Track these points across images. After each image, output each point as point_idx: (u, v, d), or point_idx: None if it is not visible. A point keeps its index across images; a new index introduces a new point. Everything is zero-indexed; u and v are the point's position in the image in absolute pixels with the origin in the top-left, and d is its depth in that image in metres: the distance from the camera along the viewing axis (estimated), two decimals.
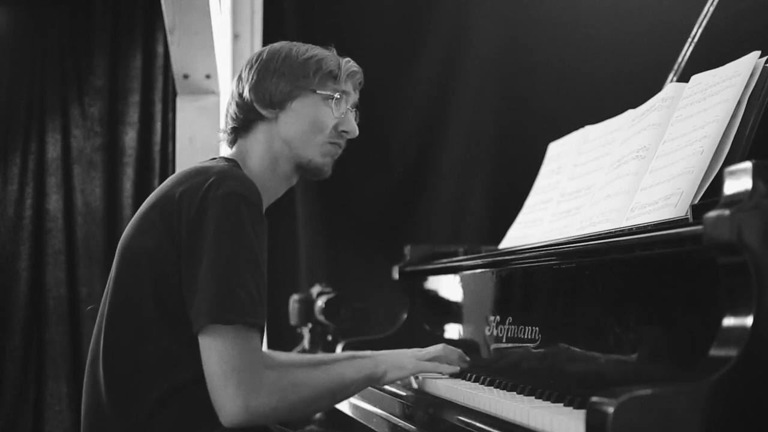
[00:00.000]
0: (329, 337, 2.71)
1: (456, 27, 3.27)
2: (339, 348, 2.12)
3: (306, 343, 2.75)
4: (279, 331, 3.27)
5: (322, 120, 1.53)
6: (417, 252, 2.25)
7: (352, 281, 3.15)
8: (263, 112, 1.50)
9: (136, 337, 1.37)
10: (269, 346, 3.31)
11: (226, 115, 1.57)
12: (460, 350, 1.63)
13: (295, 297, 2.81)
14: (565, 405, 1.20)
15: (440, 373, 1.57)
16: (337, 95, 1.53)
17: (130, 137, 3.97)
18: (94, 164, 3.98)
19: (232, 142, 1.57)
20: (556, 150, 2.08)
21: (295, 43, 1.57)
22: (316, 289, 2.76)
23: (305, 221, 3.37)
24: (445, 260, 2.07)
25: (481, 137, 3.24)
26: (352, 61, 1.61)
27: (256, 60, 1.54)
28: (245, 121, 1.53)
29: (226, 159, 1.52)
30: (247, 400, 1.25)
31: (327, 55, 1.56)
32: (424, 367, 1.56)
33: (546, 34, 3.09)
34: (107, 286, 1.45)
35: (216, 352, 1.26)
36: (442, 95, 3.28)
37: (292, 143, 1.52)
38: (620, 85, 2.63)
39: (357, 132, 1.59)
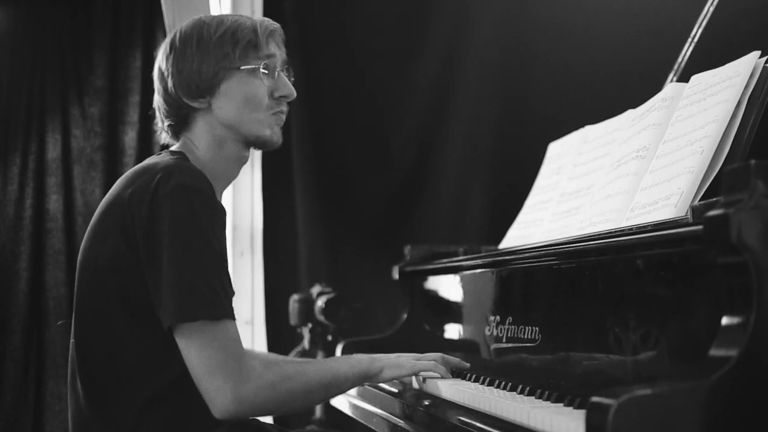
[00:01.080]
0: (329, 337, 2.71)
1: (456, 27, 3.27)
2: (339, 348, 2.12)
3: (306, 343, 2.75)
4: (279, 331, 3.28)
5: (256, 94, 1.48)
6: (417, 252, 2.24)
7: (352, 281, 3.15)
8: (194, 105, 1.46)
9: (109, 346, 1.36)
10: (269, 347, 3.31)
11: (158, 111, 1.53)
12: (457, 359, 1.62)
13: (295, 297, 2.81)
14: (565, 405, 1.20)
15: (438, 373, 1.56)
16: (263, 66, 1.49)
17: (130, 137, 3.97)
18: (94, 164, 3.98)
19: (175, 136, 1.53)
20: (556, 150, 2.08)
21: (202, 19, 1.49)
22: (316, 289, 2.76)
23: (305, 221, 3.38)
24: (445, 260, 2.07)
25: (481, 137, 3.23)
26: (267, 20, 1.55)
27: (170, 49, 1.47)
28: (179, 116, 1.49)
29: (171, 152, 1.49)
30: (236, 390, 1.24)
31: (239, 24, 1.48)
32: (421, 367, 1.55)
33: (546, 34, 3.09)
34: (74, 297, 1.43)
35: (193, 350, 1.26)
36: (442, 95, 3.28)
37: (234, 125, 1.48)
38: (620, 85, 2.63)
39: (294, 92, 1.54)
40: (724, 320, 0.99)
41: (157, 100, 1.51)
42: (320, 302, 2.64)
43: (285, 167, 3.37)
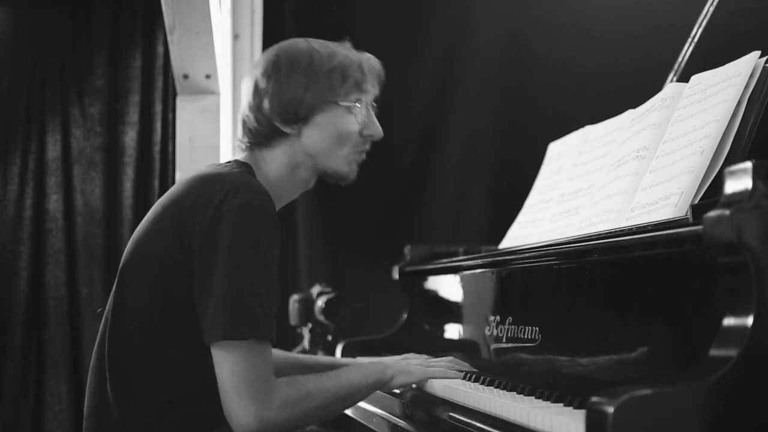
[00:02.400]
0: (329, 337, 2.71)
1: (456, 27, 3.27)
2: (339, 348, 2.12)
3: (306, 343, 2.75)
4: (279, 331, 3.27)
5: (348, 130, 1.49)
6: (417, 252, 2.24)
7: (352, 281, 3.15)
8: (285, 129, 1.46)
9: (143, 343, 1.36)
10: None
11: (243, 126, 1.51)
12: (467, 364, 1.63)
13: (295, 297, 2.81)
14: (565, 405, 1.20)
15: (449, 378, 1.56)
16: (359, 103, 1.50)
17: (130, 137, 3.97)
18: (94, 164, 3.99)
19: (249, 149, 1.52)
20: (556, 150, 2.08)
21: (312, 44, 1.49)
22: (316, 289, 2.76)
23: (305, 221, 3.38)
24: (445, 260, 2.07)
25: (481, 137, 3.24)
26: (372, 58, 1.55)
27: (274, 68, 1.45)
28: (265, 136, 1.49)
29: (239, 163, 1.49)
30: (260, 412, 1.25)
31: (351, 60, 1.48)
32: (431, 374, 1.55)
33: (546, 34, 3.09)
34: (114, 288, 1.43)
35: (229, 366, 1.27)
36: (443, 95, 3.28)
37: (317, 157, 1.49)
38: (620, 85, 2.63)
39: (381, 134, 1.56)
40: (724, 320, 0.99)
41: (246, 114, 1.49)
42: (320, 302, 2.64)
43: None
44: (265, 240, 1.31)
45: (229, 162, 1.52)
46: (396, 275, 2.23)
